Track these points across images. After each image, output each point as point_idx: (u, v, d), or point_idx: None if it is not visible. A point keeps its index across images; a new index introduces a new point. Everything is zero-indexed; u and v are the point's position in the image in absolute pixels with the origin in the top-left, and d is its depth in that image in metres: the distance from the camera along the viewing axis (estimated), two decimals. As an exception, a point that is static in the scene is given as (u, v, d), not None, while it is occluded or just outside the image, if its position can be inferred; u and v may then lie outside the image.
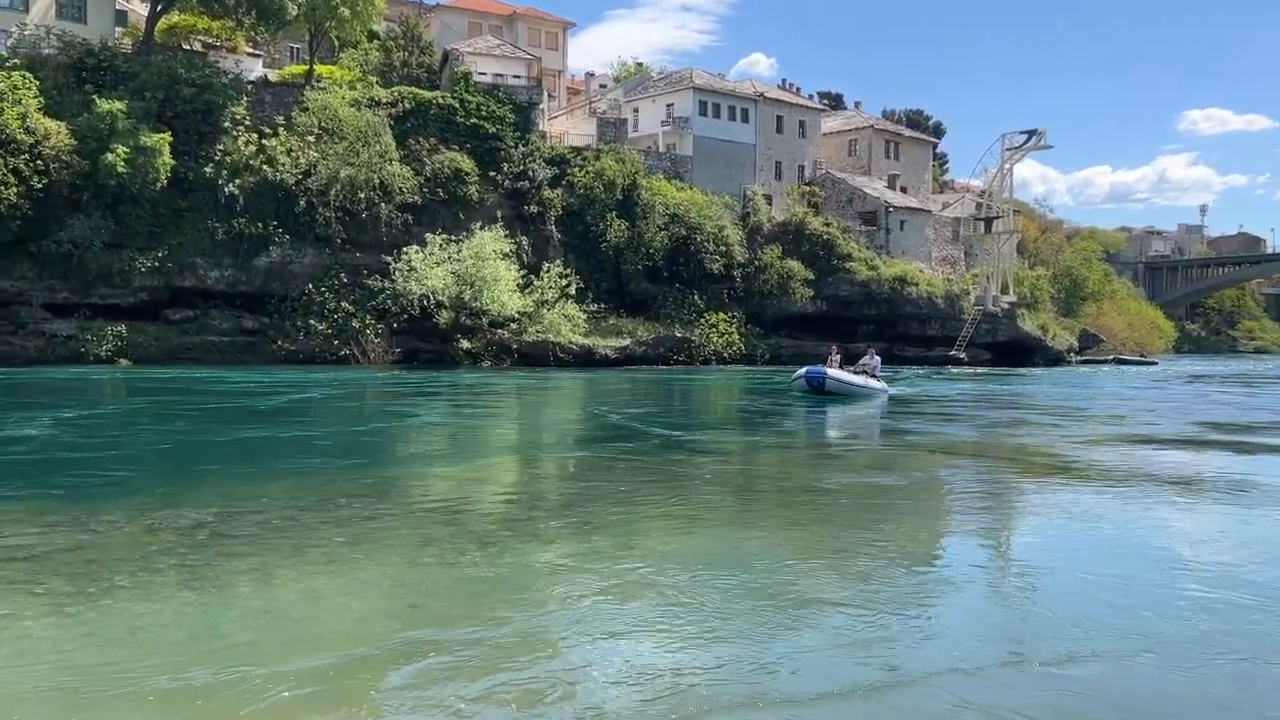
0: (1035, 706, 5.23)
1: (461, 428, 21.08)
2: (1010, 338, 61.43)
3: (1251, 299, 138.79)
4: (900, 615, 6.87)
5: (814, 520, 10.52)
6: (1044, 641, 6.31)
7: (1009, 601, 7.42)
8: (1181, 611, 7.04)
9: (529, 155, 50.44)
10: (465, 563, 8.12)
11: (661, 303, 52.71)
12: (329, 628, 6.41)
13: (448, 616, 6.65)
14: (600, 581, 7.68)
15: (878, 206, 61.76)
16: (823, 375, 28.21)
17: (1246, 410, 28.17)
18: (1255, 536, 9.88)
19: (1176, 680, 5.70)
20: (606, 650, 5.96)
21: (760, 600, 7.17)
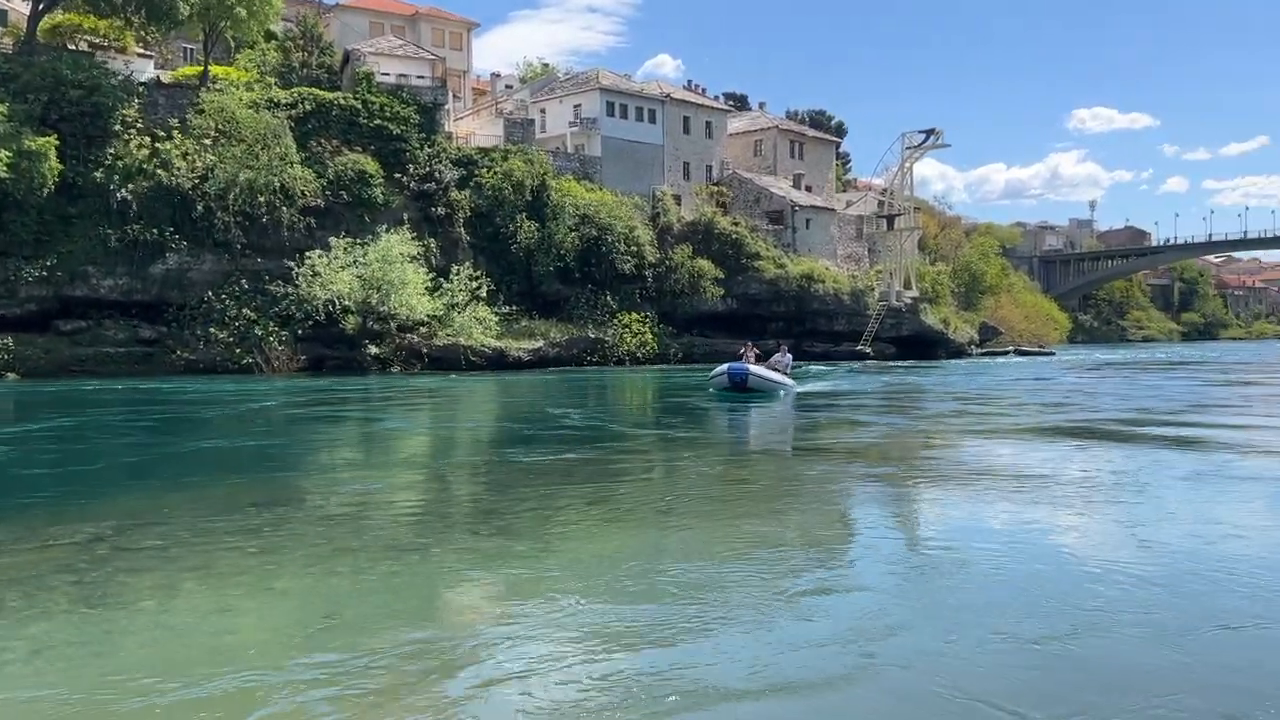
0: (976, 687, 5.29)
1: (372, 435, 20.64)
2: (914, 331, 62.96)
3: (1139, 290, 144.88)
4: (821, 608, 6.90)
5: (736, 516, 10.54)
6: (977, 621, 6.39)
7: (925, 587, 7.51)
8: (1088, 587, 7.23)
9: (435, 156, 49.80)
10: (383, 571, 7.90)
11: (574, 304, 52.60)
12: (243, 642, 6.14)
13: (367, 627, 6.44)
14: (521, 586, 7.54)
15: (784, 206, 62.62)
16: (745, 372, 27.71)
17: (1156, 397, 29.29)
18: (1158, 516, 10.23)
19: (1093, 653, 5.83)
20: (530, 656, 5.84)
21: (683, 597, 7.12)
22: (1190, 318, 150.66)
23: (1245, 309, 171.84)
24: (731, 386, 27.54)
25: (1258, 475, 12.94)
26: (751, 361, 29.45)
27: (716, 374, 28.71)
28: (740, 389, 27.46)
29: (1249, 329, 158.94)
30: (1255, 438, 17.42)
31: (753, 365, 28.57)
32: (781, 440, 19.83)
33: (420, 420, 24.14)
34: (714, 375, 28.97)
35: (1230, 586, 7.23)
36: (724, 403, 26.79)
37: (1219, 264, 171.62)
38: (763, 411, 24.85)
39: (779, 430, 21.62)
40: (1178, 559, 8.10)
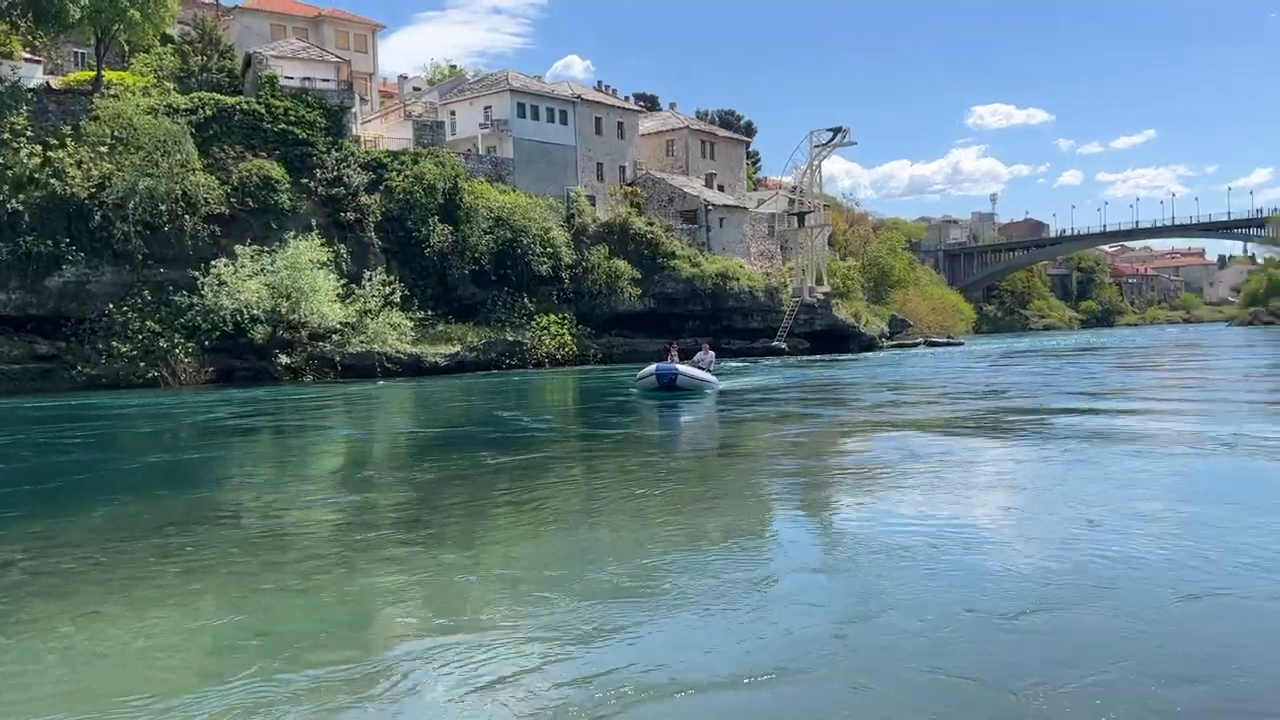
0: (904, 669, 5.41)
1: (288, 447, 20.18)
2: (827, 326, 64.01)
3: (1040, 280, 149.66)
4: (746, 603, 6.98)
5: (664, 512, 10.58)
6: (913, 606, 6.53)
7: (859, 575, 7.65)
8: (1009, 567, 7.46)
9: (343, 160, 48.84)
10: (312, 585, 7.74)
11: (491, 307, 52.14)
12: (172, 666, 5.96)
13: (301, 642, 6.30)
14: (452, 593, 7.48)
15: (698, 205, 63.07)
16: (674, 372, 27.56)
17: (1068, 383, 30.26)
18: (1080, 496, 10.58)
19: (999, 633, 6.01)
20: (468, 663, 5.78)
21: (615, 595, 7.14)
22: (1088, 306, 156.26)
23: (1139, 296, 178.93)
24: (660, 386, 27.45)
25: (1169, 454, 13.50)
26: (676, 361, 29.38)
27: (644, 375, 28.51)
28: (669, 388, 27.39)
29: (1143, 315, 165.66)
30: (1157, 423, 18.16)
31: (680, 365, 28.47)
32: (709, 437, 19.99)
33: (337, 430, 23.69)
34: (641, 376, 28.77)
35: (1156, 560, 7.53)
36: (652, 401, 26.74)
37: (1113, 253, 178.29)
38: (690, 409, 24.99)
39: (706, 427, 21.79)
40: (1099, 538, 8.39)
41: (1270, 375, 31.22)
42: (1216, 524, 8.74)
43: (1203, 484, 11.12)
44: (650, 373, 28.03)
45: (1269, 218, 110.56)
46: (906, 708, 4.98)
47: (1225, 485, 11.07)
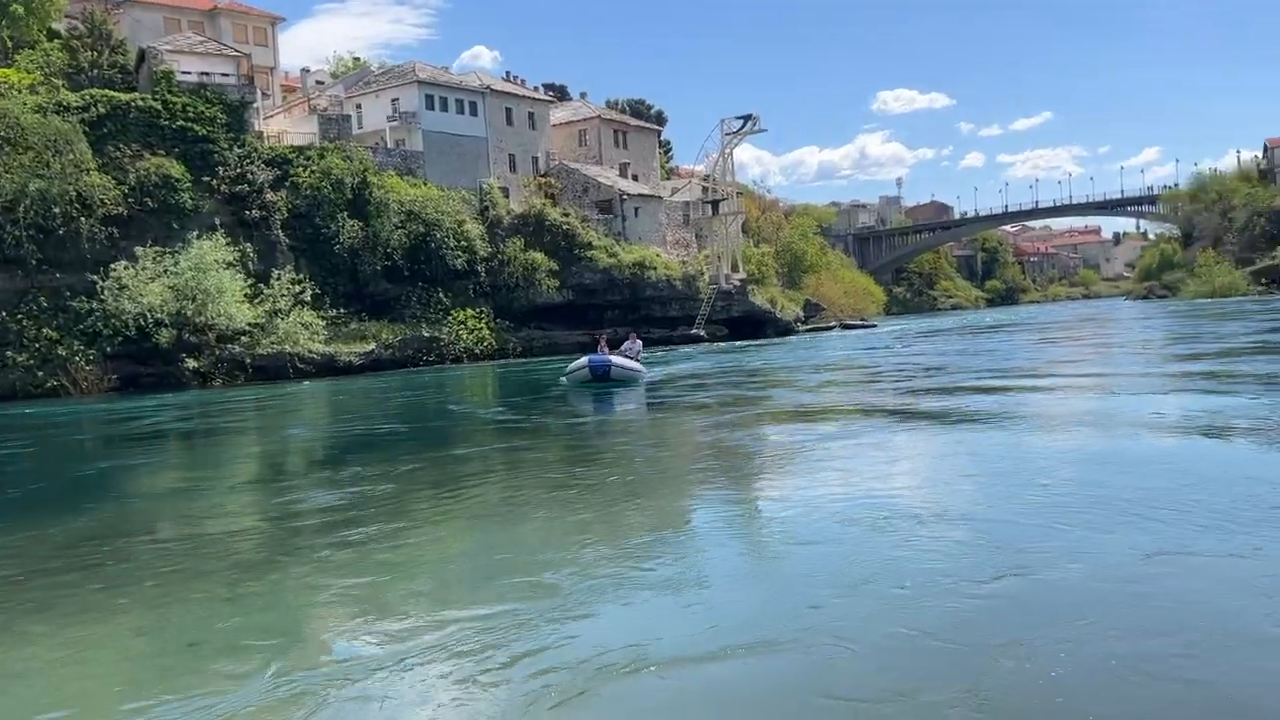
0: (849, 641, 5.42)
1: (199, 454, 19.54)
2: (744, 312, 64.61)
3: (946, 261, 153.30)
4: (699, 584, 6.96)
5: (590, 504, 10.49)
6: (841, 585, 6.56)
7: (781, 560, 7.67)
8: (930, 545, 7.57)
9: (246, 157, 47.46)
10: (240, 594, 7.47)
11: (405, 303, 51.32)
12: (101, 679, 5.67)
13: (234, 650, 6.06)
14: (382, 595, 7.28)
15: (612, 195, 62.96)
16: (608, 364, 27.38)
17: (986, 359, 30.99)
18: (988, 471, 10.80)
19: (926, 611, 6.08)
20: (404, 663, 5.62)
21: (541, 591, 7.03)
22: (993, 285, 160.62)
23: (1041, 274, 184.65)
24: (594, 378, 27.20)
25: (1102, 425, 13.90)
26: (606, 351, 28.99)
27: (576, 367, 28.23)
28: (603, 379, 27.15)
29: (1045, 292, 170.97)
30: (1080, 397, 18.72)
31: (615, 356, 28.20)
32: (643, 425, 19.96)
33: (250, 434, 23.03)
34: (573, 369, 28.44)
35: (1107, 524, 7.69)
36: (584, 393, 26.40)
37: (1015, 233, 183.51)
38: (623, 399, 24.90)
39: (640, 415, 21.77)
40: (1048, 506, 8.57)
41: (1168, 346, 32.46)
42: (1162, 490, 8.97)
43: (1143, 454, 11.45)
44: (583, 365, 27.74)
45: (1160, 195, 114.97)
46: (885, 670, 5.02)
47: (1165, 456, 11.41)
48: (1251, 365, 21.42)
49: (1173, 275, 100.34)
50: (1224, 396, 16.11)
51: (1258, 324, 38.18)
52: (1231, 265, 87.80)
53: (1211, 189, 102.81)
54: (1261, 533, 7.21)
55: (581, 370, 27.66)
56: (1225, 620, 5.54)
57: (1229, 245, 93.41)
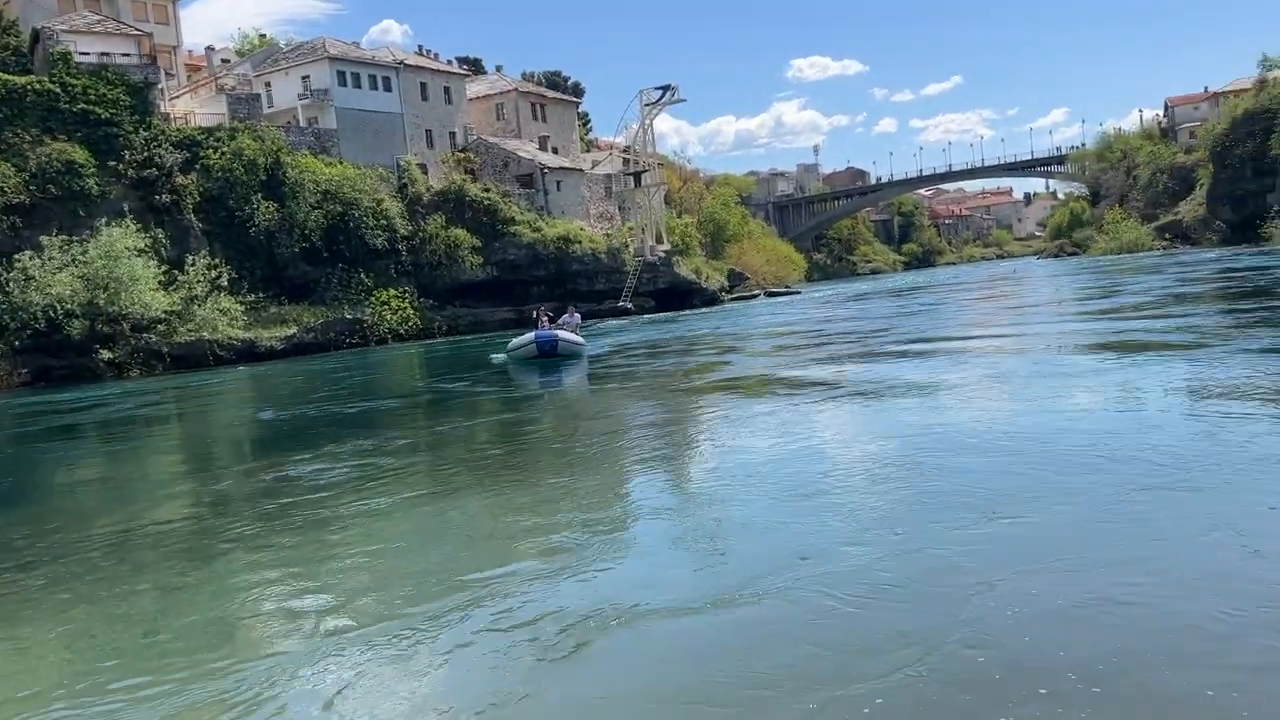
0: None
1: (125, 448, 19.02)
2: (670, 284, 64.82)
3: (864, 226, 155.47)
4: (617, 560, 7.06)
5: (523, 482, 10.52)
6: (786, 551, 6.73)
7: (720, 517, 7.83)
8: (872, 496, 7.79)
9: (153, 140, 45.93)
10: (190, 583, 7.36)
11: (325, 285, 50.34)
12: (51, 678, 5.55)
13: (189, 640, 5.99)
14: (319, 585, 7.22)
15: (533, 169, 62.46)
16: (554, 339, 26.49)
17: (918, 318, 31.58)
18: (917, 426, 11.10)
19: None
20: (356, 647, 5.63)
21: (470, 573, 7.06)
22: (910, 248, 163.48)
23: (956, 236, 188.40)
24: (540, 354, 26.35)
25: (1024, 372, 14.33)
26: (548, 326, 28.13)
27: (520, 343, 27.27)
28: (549, 355, 26.34)
29: (960, 254, 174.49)
30: (988, 360, 19.24)
31: (561, 332, 27.42)
32: (589, 399, 19.96)
33: (174, 426, 22.47)
34: (517, 345, 27.47)
35: (1067, 469, 7.98)
36: (525, 370, 25.55)
37: (930, 196, 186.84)
38: (569, 374, 24.39)
39: (585, 389, 21.66)
40: (1003, 454, 8.84)
41: (1080, 303, 33.49)
42: (1117, 434, 9.31)
43: (1072, 410, 11.84)
44: (528, 341, 26.81)
45: (1068, 155, 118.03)
46: (865, 609, 5.20)
47: (1116, 403, 11.81)
48: (1156, 321, 22.27)
49: (1082, 233, 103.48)
50: (1136, 353, 16.74)
51: (1161, 279, 39.59)
52: (1137, 221, 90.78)
53: (1116, 148, 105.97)
54: (1184, 475, 7.57)
55: (527, 346, 26.72)
56: (1179, 557, 5.84)
57: (1134, 202, 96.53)
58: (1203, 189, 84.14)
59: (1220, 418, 9.75)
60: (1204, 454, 8.21)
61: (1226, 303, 25.74)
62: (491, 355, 29.59)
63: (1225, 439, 8.74)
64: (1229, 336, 16.88)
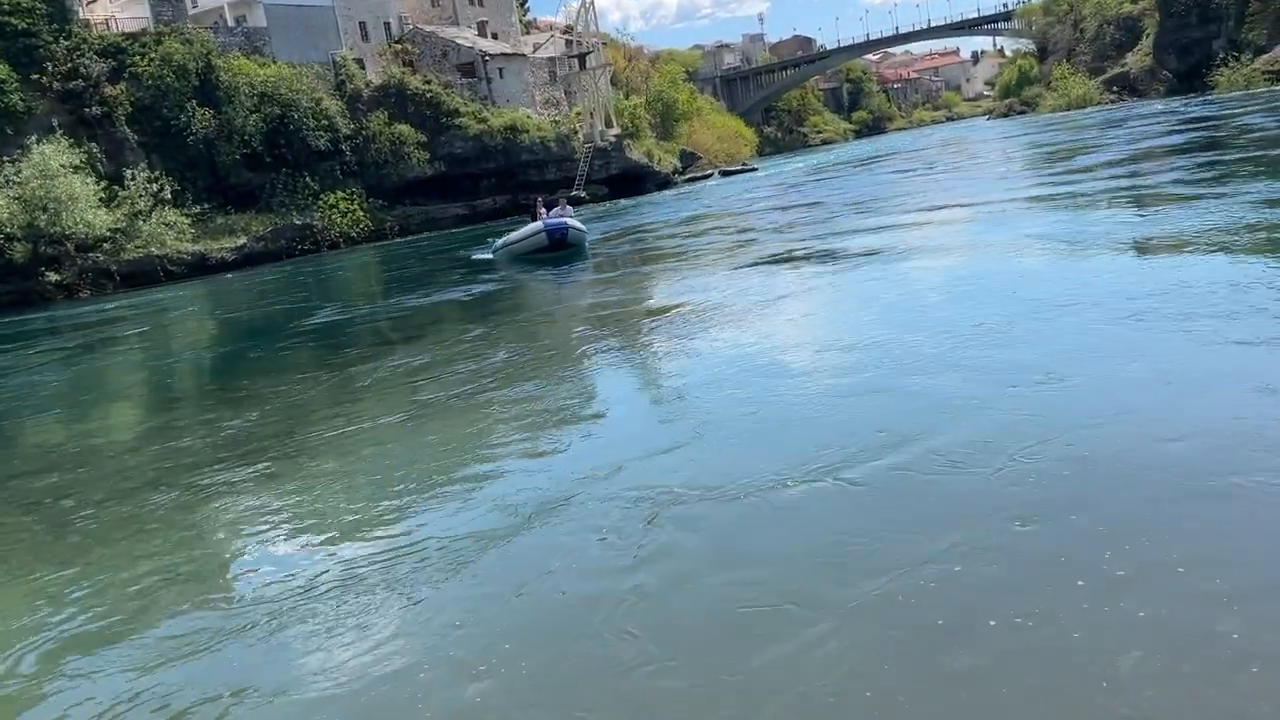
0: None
1: (82, 374, 18.90)
2: (622, 169, 64.07)
3: (813, 96, 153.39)
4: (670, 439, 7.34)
5: (508, 398, 10.71)
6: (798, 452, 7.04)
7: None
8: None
9: (75, 49, 44.04)
10: (169, 522, 7.57)
11: (271, 192, 49.30)
12: (32, 626, 5.79)
13: (174, 583, 6.24)
14: (316, 505, 7.47)
15: (474, 57, 60.75)
16: (565, 226, 23.78)
17: (886, 190, 31.68)
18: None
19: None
20: (344, 584, 5.90)
21: (452, 483, 7.34)
22: (860, 116, 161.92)
23: (905, 100, 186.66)
24: (551, 245, 23.79)
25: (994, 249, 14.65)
26: (546, 215, 25.19)
27: (525, 235, 24.55)
28: (560, 246, 23.86)
29: (910, 118, 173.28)
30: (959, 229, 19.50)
31: (570, 219, 24.60)
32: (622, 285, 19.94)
33: (127, 350, 22.29)
34: (520, 238, 24.82)
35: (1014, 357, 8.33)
36: (529, 267, 23.61)
37: (878, 61, 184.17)
38: (577, 267, 22.79)
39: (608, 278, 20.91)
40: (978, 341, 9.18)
41: (1029, 166, 33.74)
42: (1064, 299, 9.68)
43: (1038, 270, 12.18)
44: (536, 231, 24.07)
45: (1015, 10, 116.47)
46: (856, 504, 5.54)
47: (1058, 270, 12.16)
48: (1102, 181, 22.59)
49: (1031, 91, 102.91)
50: (1085, 211, 17.07)
51: (1112, 135, 39.82)
52: (1085, 76, 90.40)
53: (1063, 1, 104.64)
54: (1135, 323, 7.95)
55: (535, 237, 24.11)
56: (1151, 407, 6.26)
57: (1082, 56, 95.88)
58: (1149, 39, 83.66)
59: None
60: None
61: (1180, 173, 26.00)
62: (474, 251, 28.43)
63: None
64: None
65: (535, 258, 24.03)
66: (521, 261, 24.27)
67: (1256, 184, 16.81)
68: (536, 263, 23.77)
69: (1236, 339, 7.54)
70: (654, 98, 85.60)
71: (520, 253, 24.65)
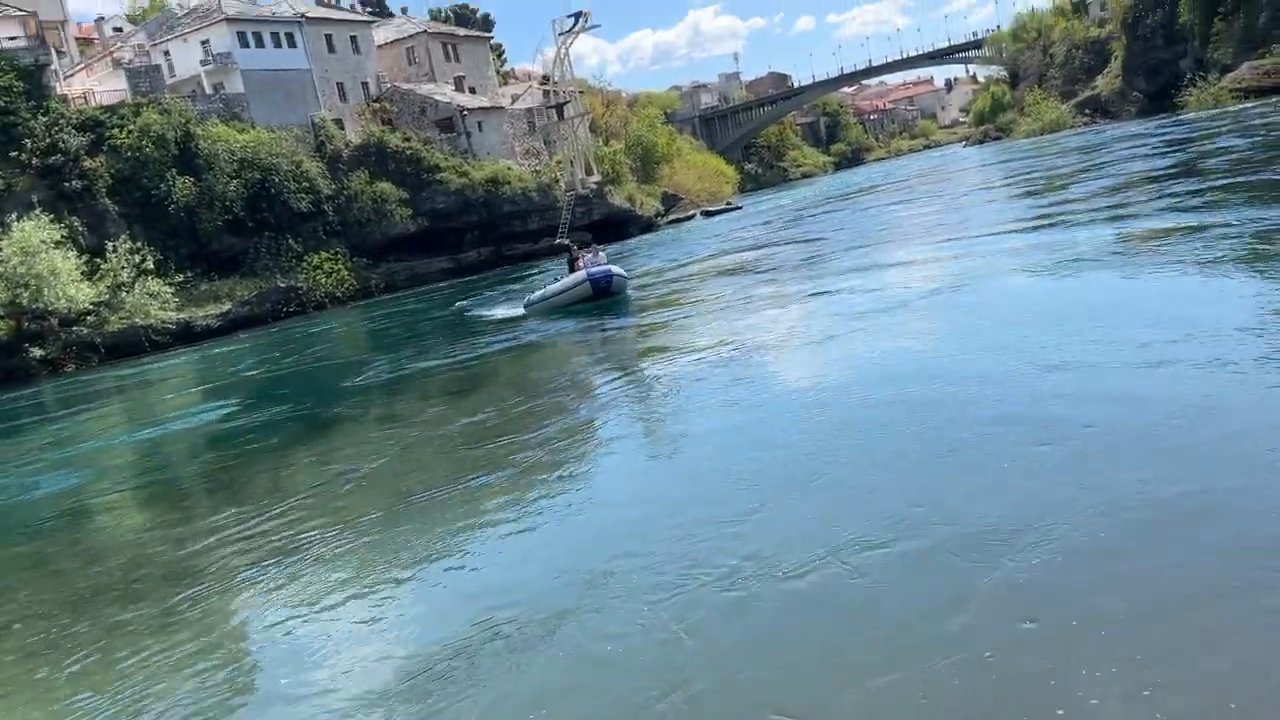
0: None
1: (64, 455, 18.67)
2: (604, 215, 64.32)
3: (791, 131, 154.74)
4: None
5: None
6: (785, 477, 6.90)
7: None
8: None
9: (54, 125, 44.13)
10: (183, 609, 7.37)
11: (254, 256, 49.24)
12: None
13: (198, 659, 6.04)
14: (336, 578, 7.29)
15: (452, 112, 61.12)
16: (609, 274, 22.79)
17: (877, 224, 31.73)
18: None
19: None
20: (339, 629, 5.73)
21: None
22: (839, 148, 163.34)
23: (882, 130, 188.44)
24: (596, 295, 22.75)
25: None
26: (583, 263, 24.11)
27: (568, 286, 23.35)
28: (605, 294, 22.88)
29: (888, 148, 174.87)
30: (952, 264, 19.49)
31: (613, 267, 23.73)
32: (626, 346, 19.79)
33: (109, 424, 22.06)
34: (562, 290, 23.63)
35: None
36: (581, 320, 22.05)
37: (853, 94, 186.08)
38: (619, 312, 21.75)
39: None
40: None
41: (1010, 193, 33.89)
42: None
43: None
44: (579, 280, 22.93)
45: (985, 39, 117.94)
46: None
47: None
48: (1082, 202, 22.65)
49: (1005, 116, 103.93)
50: (1063, 229, 17.05)
51: (1083, 159, 40.08)
52: (1057, 100, 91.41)
53: (1031, 27, 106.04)
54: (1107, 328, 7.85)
55: (579, 288, 22.93)
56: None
57: (1053, 80, 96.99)
58: (1118, 61, 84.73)
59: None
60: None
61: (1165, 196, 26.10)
62: (492, 307, 27.37)
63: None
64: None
65: (574, 309, 23.02)
66: (570, 311, 22.97)
67: (1247, 209, 16.86)
68: (575, 314, 22.64)
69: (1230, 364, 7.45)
70: (633, 142, 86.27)
71: (563, 305, 23.41)
